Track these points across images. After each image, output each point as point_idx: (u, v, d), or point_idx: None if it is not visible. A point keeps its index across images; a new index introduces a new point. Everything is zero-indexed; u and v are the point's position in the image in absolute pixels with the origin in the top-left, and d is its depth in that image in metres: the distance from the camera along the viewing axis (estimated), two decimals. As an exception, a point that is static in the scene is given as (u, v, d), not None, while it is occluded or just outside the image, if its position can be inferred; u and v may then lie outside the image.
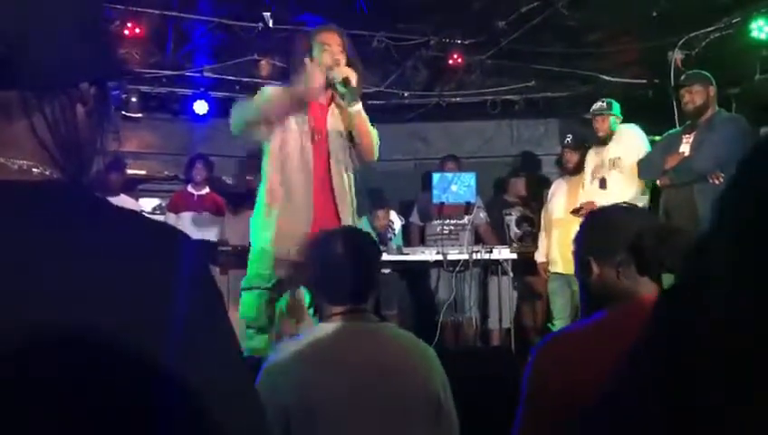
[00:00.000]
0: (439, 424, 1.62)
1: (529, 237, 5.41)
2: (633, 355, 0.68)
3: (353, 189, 2.88)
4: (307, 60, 2.78)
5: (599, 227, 1.43)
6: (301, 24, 5.65)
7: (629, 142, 4.30)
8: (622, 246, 1.33)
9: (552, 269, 4.83)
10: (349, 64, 2.82)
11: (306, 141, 2.79)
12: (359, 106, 2.81)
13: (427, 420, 1.60)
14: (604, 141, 4.49)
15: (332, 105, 2.87)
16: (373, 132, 2.87)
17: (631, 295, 1.31)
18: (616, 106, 4.50)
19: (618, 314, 1.29)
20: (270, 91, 2.85)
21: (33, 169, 0.71)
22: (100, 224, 0.70)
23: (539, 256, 4.98)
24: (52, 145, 0.72)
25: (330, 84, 2.79)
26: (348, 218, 2.82)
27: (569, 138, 5.04)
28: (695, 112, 3.83)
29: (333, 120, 2.86)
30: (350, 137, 2.86)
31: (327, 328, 1.64)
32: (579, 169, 4.85)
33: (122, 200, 5.27)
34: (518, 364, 3.94)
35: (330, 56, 2.78)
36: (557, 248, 4.76)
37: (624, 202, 1.76)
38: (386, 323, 1.77)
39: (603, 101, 4.53)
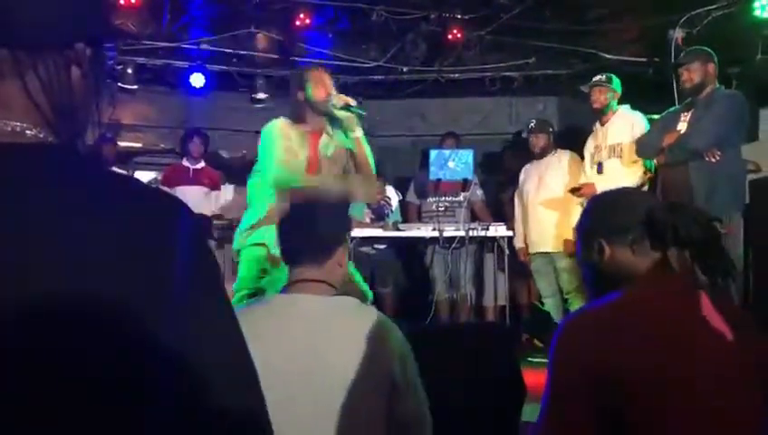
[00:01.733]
0: (397, 402, 1.52)
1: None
2: None
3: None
4: (301, 95, 2.98)
5: (607, 208, 1.44)
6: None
7: (629, 127, 4.26)
8: (635, 224, 1.33)
9: (533, 250, 4.87)
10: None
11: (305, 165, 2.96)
12: (360, 132, 2.96)
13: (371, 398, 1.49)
14: (601, 120, 4.46)
15: (324, 134, 3.02)
16: (371, 156, 3.00)
17: (645, 273, 1.32)
18: (616, 81, 4.47)
19: (637, 292, 1.30)
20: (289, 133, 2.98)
21: (27, 132, 0.69)
22: (96, 189, 0.69)
23: (517, 242, 5.01)
24: (45, 106, 0.70)
25: (327, 113, 2.96)
26: None
27: (533, 122, 5.08)
28: (692, 90, 3.79)
29: (323, 149, 3.01)
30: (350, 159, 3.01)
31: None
32: (544, 152, 4.88)
33: None
34: (513, 341, 3.97)
35: (323, 89, 2.96)
36: (539, 230, 4.79)
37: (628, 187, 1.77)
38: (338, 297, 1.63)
39: (603, 75, 4.51)
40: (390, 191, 5.49)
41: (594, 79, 4.50)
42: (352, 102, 2.95)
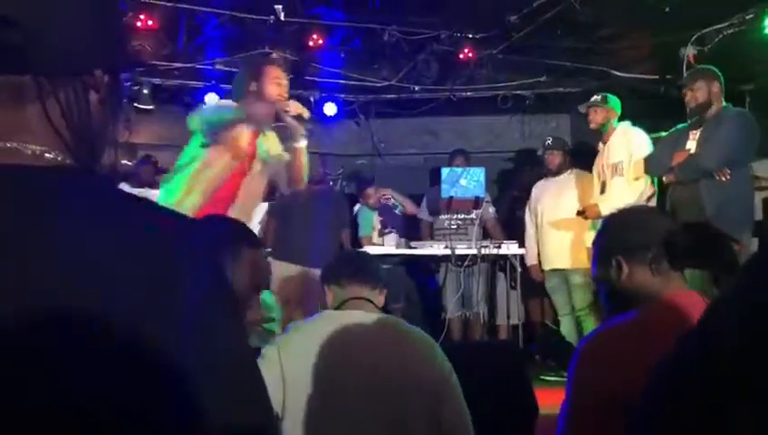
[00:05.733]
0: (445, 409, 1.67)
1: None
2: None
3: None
4: (254, 86, 2.90)
5: (627, 227, 1.44)
6: (313, 18, 5.67)
7: (627, 144, 4.26)
8: (654, 243, 1.34)
9: (548, 267, 4.85)
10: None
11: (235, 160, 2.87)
12: (304, 143, 2.95)
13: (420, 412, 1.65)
14: (603, 139, 4.47)
15: (260, 135, 2.94)
16: (306, 168, 3.00)
17: (662, 292, 1.33)
18: (613, 100, 4.47)
19: (657, 311, 1.30)
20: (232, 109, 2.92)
21: (46, 155, 0.71)
22: (112, 212, 0.70)
23: (529, 259, 4.99)
24: (64, 130, 0.72)
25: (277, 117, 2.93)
26: None
27: (549, 140, 5.07)
28: (697, 110, 3.79)
29: (259, 145, 2.94)
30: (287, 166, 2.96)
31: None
32: (559, 170, 4.88)
33: (145, 194, 5.32)
34: (525, 360, 3.95)
35: (279, 90, 2.90)
36: (553, 247, 4.78)
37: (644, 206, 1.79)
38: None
39: (599, 95, 4.53)
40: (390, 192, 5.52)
41: (590, 100, 4.53)
42: (306, 115, 2.92)
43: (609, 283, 1.40)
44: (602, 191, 4.34)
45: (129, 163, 5.32)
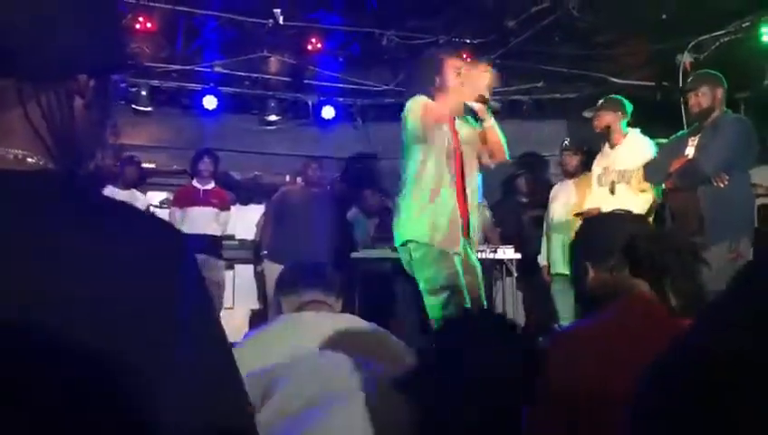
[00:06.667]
0: None
1: (535, 238, 5.43)
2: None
3: (479, 189, 3.26)
4: (438, 81, 3.13)
5: (592, 232, 1.48)
6: (312, 22, 5.68)
7: (639, 155, 4.23)
8: (616, 250, 1.36)
9: (555, 271, 4.85)
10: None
11: (450, 150, 3.10)
12: (491, 121, 3.13)
13: None
14: (611, 142, 4.45)
15: (457, 118, 3.18)
16: (504, 141, 3.19)
17: (622, 298, 1.35)
18: (621, 102, 4.43)
19: (615, 315, 1.33)
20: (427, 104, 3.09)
21: (28, 159, 0.71)
22: (93, 218, 0.69)
23: (541, 259, 5.01)
24: (47, 135, 0.72)
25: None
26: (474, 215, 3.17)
27: (566, 141, 5.07)
28: (700, 115, 3.79)
29: (459, 129, 3.18)
30: (485, 142, 3.18)
31: None
32: (577, 171, 4.87)
33: (132, 195, 5.31)
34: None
35: (459, 77, 3.10)
36: (559, 250, 4.78)
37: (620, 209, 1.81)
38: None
39: (604, 99, 4.51)
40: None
41: (596, 105, 4.52)
42: (486, 95, 3.07)
43: (580, 285, 1.43)
44: (612, 192, 4.31)
45: (113, 164, 5.28)
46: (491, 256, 4.82)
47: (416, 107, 3.00)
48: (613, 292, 1.36)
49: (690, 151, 3.77)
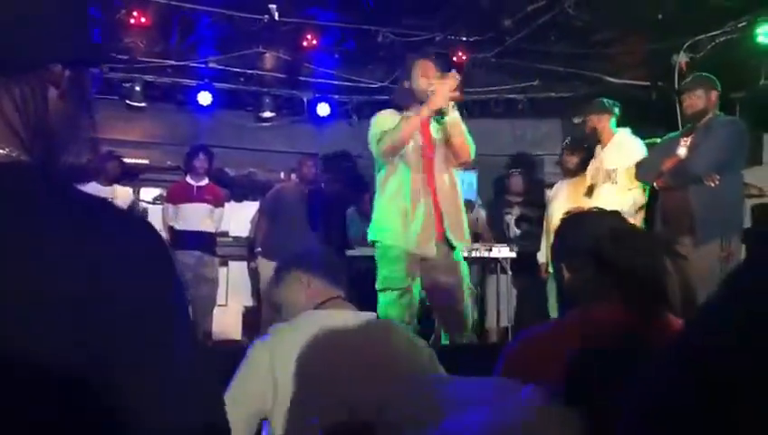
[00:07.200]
0: None
1: (529, 237, 5.44)
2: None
3: (458, 187, 3.30)
4: (406, 83, 3.23)
5: (565, 233, 1.47)
6: (307, 18, 5.66)
7: (626, 155, 4.25)
8: (582, 250, 1.36)
9: (551, 269, 4.85)
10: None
11: (419, 150, 3.19)
12: (455, 114, 3.19)
13: None
14: (602, 143, 4.46)
15: (432, 120, 3.24)
16: (469, 138, 3.24)
17: (593, 298, 1.34)
18: (606, 102, 4.45)
19: (580, 316, 1.33)
20: (393, 119, 3.21)
21: (0, 151, 0.69)
22: (62, 211, 0.67)
23: (540, 256, 5.02)
24: (20, 127, 0.70)
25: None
26: (451, 214, 3.20)
27: (567, 139, 5.07)
28: (694, 116, 3.82)
29: (434, 133, 3.25)
30: (448, 142, 3.22)
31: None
32: (578, 170, 4.87)
33: (115, 191, 5.28)
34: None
35: (426, 79, 3.16)
36: None
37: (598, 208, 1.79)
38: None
39: (592, 103, 4.53)
40: None
41: (585, 109, 4.52)
42: (446, 103, 3.10)
43: (558, 284, 1.43)
44: (588, 195, 4.33)
45: (91, 159, 5.21)
46: (485, 254, 4.82)
47: (376, 130, 3.16)
48: (585, 292, 1.35)
49: (682, 152, 3.80)
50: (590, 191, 4.36)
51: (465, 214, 3.32)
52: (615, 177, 4.23)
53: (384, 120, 3.20)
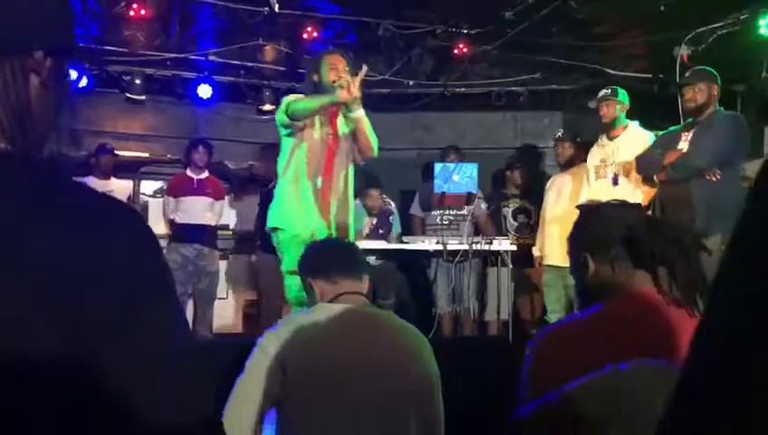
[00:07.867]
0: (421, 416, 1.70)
1: (526, 229, 5.44)
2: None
3: (350, 183, 3.37)
4: (315, 77, 3.32)
5: (592, 224, 1.45)
6: (308, 10, 5.64)
7: (642, 148, 4.22)
8: (616, 240, 1.34)
9: (547, 262, 4.86)
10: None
11: (325, 139, 3.29)
12: (361, 111, 3.24)
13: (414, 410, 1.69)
14: (609, 134, 4.44)
15: (340, 114, 3.32)
16: (373, 135, 3.31)
17: (627, 289, 1.33)
18: (622, 93, 4.45)
19: (613, 307, 1.31)
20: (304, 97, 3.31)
21: None
22: (48, 202, 0.66)
23: (535, 250, 5.03)
24: (1, 113, 0.69)
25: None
26: (338, 209, 3.33)
27: (560, 132, 5.07)
28: (695, 110, 3.82)
29: (341, 127, 3.32)
30: (353, 137, 3.31)
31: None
32: (571, 162, 4.88)
33: (112, 184, 5.27)
34: (515, 355, 3.95)
35: (335, 73, 3.23)
36: (552, 242, 4.78)
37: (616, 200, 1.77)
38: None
39: (608, 89, 4.50)
40: (387, 200, 5.51)
41: (600, 93, 4.49)
42: (349, 100, 3.15)
43: (579, 277, 1.41)
44: (615, 183, 4.30)
45: (79, 152, 5.19)
46: (486, 247, 4.81)
47: (282, 105, 3.27)
48: (614, 284, 1.34)
49: (684, 146, 3.80)
50: (615, 181, 4.32)
51: (353, 219, 3.43)
52: (628, 169, 4.23)
53: (292, 96, 3.32)
